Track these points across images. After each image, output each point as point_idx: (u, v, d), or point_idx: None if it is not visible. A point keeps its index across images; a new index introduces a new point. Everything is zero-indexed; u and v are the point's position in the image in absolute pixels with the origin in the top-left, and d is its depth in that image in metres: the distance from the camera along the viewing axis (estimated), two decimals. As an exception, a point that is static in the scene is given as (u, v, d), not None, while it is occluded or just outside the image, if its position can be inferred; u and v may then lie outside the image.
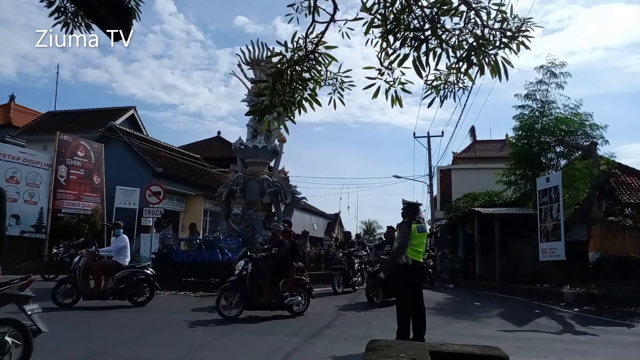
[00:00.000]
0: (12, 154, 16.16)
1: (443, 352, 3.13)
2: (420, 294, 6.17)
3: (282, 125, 3.75)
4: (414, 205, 6.56)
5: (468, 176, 25.75)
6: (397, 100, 3.50)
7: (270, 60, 7.66)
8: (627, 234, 11.79)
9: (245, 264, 8.19)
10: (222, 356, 5.57)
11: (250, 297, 8.01)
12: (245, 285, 7.93)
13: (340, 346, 5.95)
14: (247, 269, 8.08)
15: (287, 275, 8.28)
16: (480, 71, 3.23)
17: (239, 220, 15.07)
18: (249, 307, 8.08)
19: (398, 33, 3.28)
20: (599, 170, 13.11)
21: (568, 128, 14.88)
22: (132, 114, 27.00)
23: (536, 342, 6.55)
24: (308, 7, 3.43)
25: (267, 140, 16.01)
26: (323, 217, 37.82)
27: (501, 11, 3.15)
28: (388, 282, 9.34)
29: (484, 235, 15.96)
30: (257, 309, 8.21)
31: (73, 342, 6.01)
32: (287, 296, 8.21)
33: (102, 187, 19.14)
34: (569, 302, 10.58)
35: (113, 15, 2.12)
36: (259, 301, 8.10)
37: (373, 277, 10.13)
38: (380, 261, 9.78)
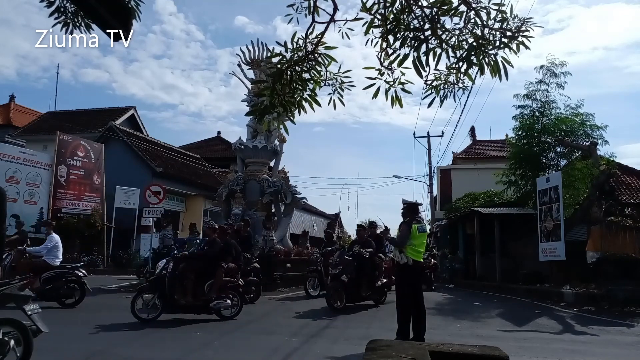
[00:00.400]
0: (12, 154, 16.16)
1: (443, 352, 3.13)
2: (420, 294, 6.18)
3: (282, 125, 3.75)
4: (414, 205, 6.56)
5: (468, 176, 25.75)
6: (397, 100, 3.50)
7: (270, 60, 7.66)
8: (627, 234, 11.77)
9: (166, 263, 7.63)
10: (222, 356, 5.57)
11: (169, 298, 7.41)
12: (164, 286, 7.36)
13: (340, 346, 5.95)
14: (167, 269, 7.50)
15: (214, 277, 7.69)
16: (480, 71, 3.23)
17: (239, 220, 15.06)
18: (169, 310, 7.51)
19: (398, 33, 3.28)
20: (599, 170, 13.11)
21: (568, 128, 14.87)
22: (132, 114, 27.02)
23: (536, 342, 6.55)
24: (308, 7, 3.43)
25: (267, 140, 16.01)
26: (323, 217, 37.84)
27: (501, 11, 3.15)
28: (352, 285, 9.01)
29: (484, 235, 15.96)
30: (179, 311, 7.64)
31: (73, 342, 6.01)
32: (213, 299, 7.63)
33: (102, 187, 19.15)
34: (569, 302, 10.58)
35: (113, 15, 2.12)
36: (180, 303, 7.50)
37: (335, 280, 9.15)
38: (343, 263, 9.14)
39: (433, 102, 3.57)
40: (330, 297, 8.97)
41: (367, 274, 9.40)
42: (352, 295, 9.15)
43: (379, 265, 9.73)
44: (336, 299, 8.98)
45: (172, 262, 7.62)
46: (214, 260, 7.82)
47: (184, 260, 7.76)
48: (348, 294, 9.04)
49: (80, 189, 18.30)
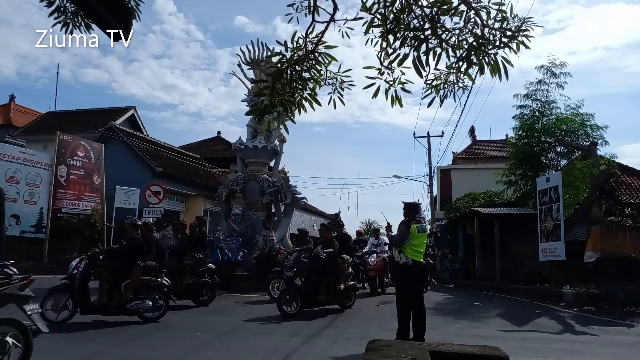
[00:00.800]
0: (12, 154, 16.15)
1: (443, 352, 3.13)
2: (420, 294, 6.18)
3: (282, 125, 3.75)
4: (413, 205, 6.56)
5: (468, 176, 25.76)
6: (397, 100, 3.50)
7: (270, 60, 7.65)
8: (627, 234, 11.78)
9: (78, 262, 7.21)
10: (222, 356, 5.57)
11: (82, 299, 7.00)
12: (75, 286, 6.91)
13: (340, 346, 5.95)
14: (79, 267, 7.08)
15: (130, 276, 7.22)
16: (480, 71, 3.24)
17: (239, 220, 15.07)
18: (83, 311, 7.06)
19: (398, 33, 3.28)
20: (599, 170, 13.11)
21: (568, 128, 14.87)
22: (132, 114, 27.01)
23: (536, 342, 6.55)
24: (308, 7, 3.43)
25: (267, 140, 16.01)
26: (323, 217, 37.81)
27: (501, 11, 3.16)
28: (307, 288, 8.39)
29: (484, 235, 15.95)
30: (93, 313, 7.18)
31: (73, 342, 6.01)
32: (131, 299, 7.15)
33: (102, 187, 19.14)
34: (569, 302, 10.58)
35: (113, 15, 2.12)
36: (94, 304, 7.12)
37: (288, 283, 8.50)
38: (297, 265, 8.56)
39: (433, 101, 3.58)
40: (282, 301, 8.22)
41: (326, 277, 8.64)
42: (308, 299, 8.41)
43: (341, 268, 8.90)
44: (288, 304, 8.25)
45: (85, 260, 7.20)
46: (131, 258, 7.33)
47: (99, 258, 7.32)
48: (303, 299, 8.32)
49: (80, 189, 18.29)
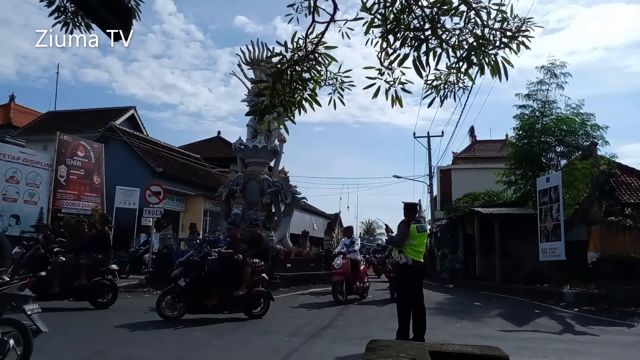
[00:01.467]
0: (12, 154, 16.15)
1: (443, 352, 3.13)
2: (420, 294, 6.17)
3: (282, 125, 3.75)
4: (413, 205, 6.56)
5: (468, 176, 25.76)
6: (397, 100, 3.50)
7: (270, 60, 7.63)
8: (627, 234, 11.78)
9: None
10: (222, 356, 5.57)
11: None
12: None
13: (340, 346, 5.95)
14: None
15: None
16: (480, 71, 3.23)
17: (239, 220, 15.07)
18: None
19: (398, 33, 3.28)
20: (599, 170, 13.11)
21: (569, 128, 14.87)
22: (132, 114, 27.02)
23: (536, 342, 6.55)
24: (308, 7, 3.43)
25: (267, 140, 16.01)
26: (323, 217, 37.84)
27: (501, 11, 3.15)
28: (192, 291, 7.54)
29: (484, 235, 15.96)
30: None
31: (73, 342, 6.01)
32: None
33: (102, 187, 19.15)
34: (569, 302, 10.58)
35: (113, 15, 2.12)
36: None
37: (174, 284, 7.65)
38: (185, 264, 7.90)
39: (433, 102, 3.57)
40: (162, 304, 7.49)
41: (220, 280, 7.71)
42: (194, 303, 7.62)
43: (243, 271, 7.84)
44: (170, 307, 7.53)
45: None
46: None
47: None
48: (188, 302, 7.58)
49: (80, 189, 18.30)
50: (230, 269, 7.85)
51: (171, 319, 7.41)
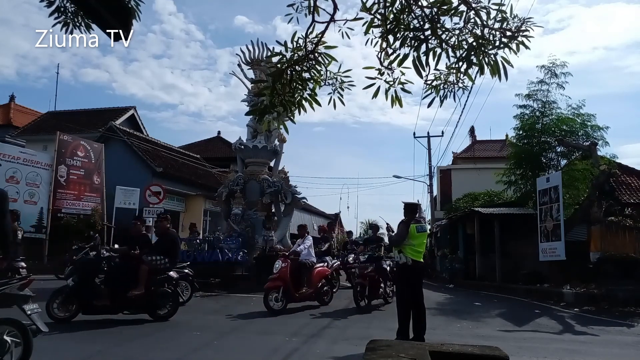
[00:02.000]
0: (12, 154, 16.15)
1: (443, 352, 3.13)
2: (420, 294, 6.17)
3: (282, 125, 3.75)
4: (413, 205, 6.56)
5: (468, 176, 25.76)
6: (397, 100, 3.50)
7: (270, 60, 7.63)
8: (627, 234, 11.79)
9: None
10: (222, 356, 5.57)
11: None
12: None
13: (340, 346, 5.95)
14: None
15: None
16: (480, 71, 3.24)
17: (239, 220, 15.07)
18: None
19: (398, 33, 3.28)
20: (599, 170, 13.11)
21: (569, 128, 14.87)
22: (132, 114, 27.01)
23: (536, 342, 6.55)
24: (308, 7, 3.43)
25: (267, 140, 16.01)
26: (323, 217, 37.83)
27: (501, 11, 3.16)
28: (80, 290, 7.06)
29: (484, 235, 15.95)
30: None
31: (73, 342, 6.01)
32: None
33: (102, 187, 19.15)
34: (569, 302, 10.58)
35: (113, 15, 2.12)
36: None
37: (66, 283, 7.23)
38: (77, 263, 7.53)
39: (433, 102, 3.58)
40: (52, 305, 7.01)
41: (113, 280, 7.32)
42: (83, 304, 7.15)
43: (139, 270, 7.33)
44: (62, 308, 7.10)
45: None
46: None
47: None
48: (78, 303, 7.14)
49: (80, 189, 18.30)
50: (127, 268, 7.41)
51: (62, 320, 6.95)
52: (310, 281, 9.30)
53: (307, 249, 9.57)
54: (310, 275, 9.35)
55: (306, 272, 9.35)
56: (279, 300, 8.61)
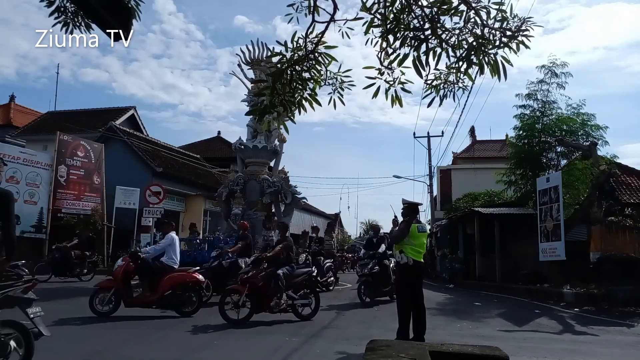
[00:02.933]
0: (12, 154, 16.14)
1: (443, 352, 3.13)
2: (420, 294, 6.18)
3: (282, 125, 3.75)
4: (415, 205, 6.56)
5: (468, 176, 25.76)
6: (397, 100, 3.50)
7: (270, 60, 7.63)
8: (627, 234, 11.79)
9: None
10: (222, 356, 5.57)
11: None
12: None
13: (340, 346, 5.94)
14: None
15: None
16: (480, 71, 3.24)
17: (239, 220, 15.06)
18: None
19: (398, 33, 3.28)
20: (599, 170, 13.11)
21: (569, 128, 14.87)
22: (132, 114, 27.02)
23: (536, 342, 6.55)
24: (308, 7, 3.43)
25: (267, 140, 16.01)
26: (323, 217, 37.87)
27: (501, 10, 3.16)
28: None
29: (484, 235, 15.95)
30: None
31: (73, 342, 6.01)
32: None
33: (102, 187, 19.15)
34: (569, 302, 10.58)
35: (113, 15, 2.12)
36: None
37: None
38: None
39: (433, 101, 3.58)
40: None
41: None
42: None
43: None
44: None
45: None
46: None
47: None
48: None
49: (80, 189, 18.30)
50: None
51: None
52: (155, 285, 8.03)
53: (155, 248, 8.56)
54: (159, 280, 8.03)
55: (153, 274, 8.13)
56: (111, 302, 7.78)
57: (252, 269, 7.90)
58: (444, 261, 19.46)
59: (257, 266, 7.91)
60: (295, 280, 7.91)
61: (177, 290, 8.01)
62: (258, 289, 7.58)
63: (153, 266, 8.13)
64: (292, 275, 7.91)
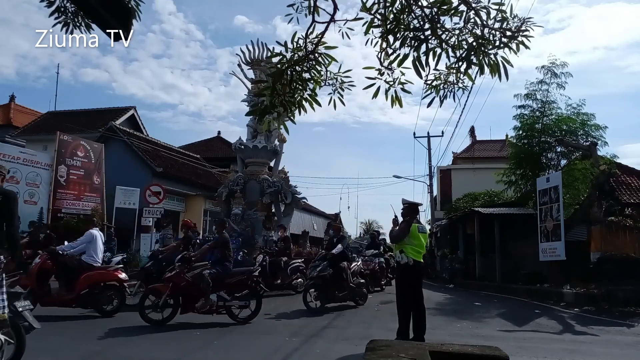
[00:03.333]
0: (12, 154, 16.14)
1: (443, 352, 3.13)
2: (420, 294, 6.18)
3: (282, 125, 3.75)
4: (415, 205, 6.57)
5: (468, 176, 25.76)
6: (397, 100, 3.50)
7: (270, 60, 7.63)
8: (627, 234, 11.78)
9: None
10: (222, 356, 5.57)
11: None
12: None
13: (340, 346, 5.95)
14: None
15: None
16: (480, 71, 3.23)
17: (239, 220, 15.07)
18: None
19: (398, 33, 3.28)
20: (599, 170, 13.11)
21: (569, 128, 14.87)
22: (132, 114, 27.01)
23: (536, 342, 6.55)
24: (308, 7, 3.43)
25: (267, 140, 16.01)
26: (323, 217, 37.84)
27: (501, 11, 3.15)
28: None
29: (484, 235, 15.95)
30: None
31: (73, 342, 6.01)
32: None
33: (102, 187, 19.13)
34: (569, 302, 10.58)
35: (113, 15, 2.12)
36: None
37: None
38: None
39: (432, 101, 3.58)
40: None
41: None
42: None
43: None
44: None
45: None
46: None
47: None
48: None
49: (80, 189, 18.29)
50: None
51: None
52: (72, 284, 7.78)
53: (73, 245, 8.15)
54: (77, 278, 7.79)
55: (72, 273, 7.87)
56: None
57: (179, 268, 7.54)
58: (444, 261, 19.46)
59: (183, 265, 7.54)
60: (229, 281, 7.51)
61: (95, 289, 7.75)
62: (181, 288, 7.29)
63: (70, 264, 7.82)
64: (226, 274, 7.53)
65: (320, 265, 9.07)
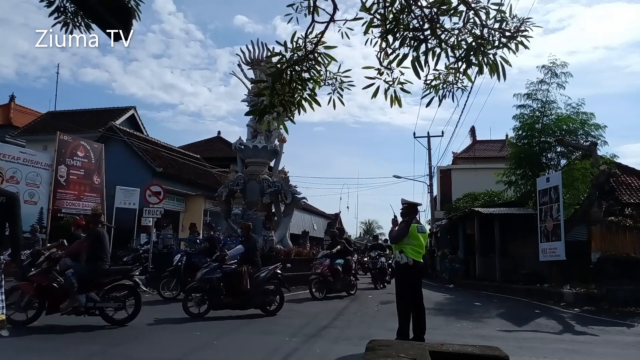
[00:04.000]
0: (12, 154, 16.14)
1: (443, 352, 3.13)
2: (420, 294, 6.18)
3: (282, 125, 3.75)
4: (415, 205, 6.56)
5: (468, 176, 25.76)
6: (396, 100, 3.50)
7: (270, 60, 7.62)
8: (627, 234, 11.78)
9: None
10: (222, 356, 5.57)
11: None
12: None
13: (340, 346, 5.95)
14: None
15: None
16: (479, 71, 3.24)
17: (239, 220, 15.08)
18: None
19: (397, 33, 3.28)
20: (599, 170, 13.11)
21: (569, 128, 14.87)
22: (132, 114, 27.01)
23: (536, 342, 6.55)
24: (308, 7, 3.43)
25: (267, 140, 16.02)
26: (323, 217, 37.86)
27: (500, 11, 3.16)
28: None
29: (484, 235, 15.96)
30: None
31: (73, 342, 6.01)
32: None
33: (102, 187, 19.12)
34: (569, 302, 10.58)
35: (113, 15, 2.12)
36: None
37: None
38: None
39: (432, 101, 3.58)
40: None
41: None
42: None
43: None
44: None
45: None
46: None
47: None
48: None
49: (80, 189, 18.28)
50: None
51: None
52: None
53: None
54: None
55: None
56: None
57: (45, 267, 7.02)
58: (444, 261, 19.47)
59: (50, 264, 7.04)
60: (103, 281, 7.01)
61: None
62: (44, 288, 6.80)
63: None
64: (98, 274, 7.02)
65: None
